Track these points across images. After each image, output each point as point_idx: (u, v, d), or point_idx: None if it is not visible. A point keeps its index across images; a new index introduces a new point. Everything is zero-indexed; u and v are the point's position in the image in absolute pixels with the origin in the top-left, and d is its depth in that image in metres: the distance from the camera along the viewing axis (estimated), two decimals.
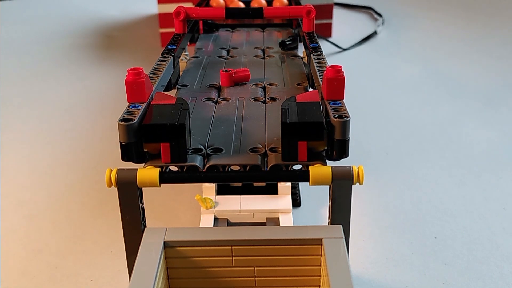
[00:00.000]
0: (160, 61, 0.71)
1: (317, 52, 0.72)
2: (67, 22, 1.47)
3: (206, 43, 0.93)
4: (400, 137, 0.94)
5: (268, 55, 0.85)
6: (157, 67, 0.68)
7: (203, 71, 0.78)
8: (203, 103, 0.67)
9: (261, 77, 0.75)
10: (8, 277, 0.67)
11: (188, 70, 0.79)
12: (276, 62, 0.82)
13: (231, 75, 0.72)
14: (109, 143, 0.94)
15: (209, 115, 0.64)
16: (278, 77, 0.75)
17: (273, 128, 0.59)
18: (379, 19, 1.43)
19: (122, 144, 0.52)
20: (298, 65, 0.80)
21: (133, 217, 0.53)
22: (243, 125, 0.61)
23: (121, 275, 0.67)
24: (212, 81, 0.74)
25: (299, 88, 0.71)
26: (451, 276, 0.66)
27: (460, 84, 1.12)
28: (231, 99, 0.68)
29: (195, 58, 0.84)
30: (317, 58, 0.70)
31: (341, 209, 0.53)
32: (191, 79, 0.75)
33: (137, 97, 0.56)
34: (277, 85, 0.72)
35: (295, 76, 0.75)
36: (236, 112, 0.64)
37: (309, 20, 0.80)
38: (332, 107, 0.54)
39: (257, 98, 0.68)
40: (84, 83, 1.15)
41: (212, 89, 0.71)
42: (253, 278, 0.52)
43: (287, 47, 0.87)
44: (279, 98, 0.67)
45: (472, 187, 0.82)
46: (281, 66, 0.79)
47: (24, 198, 0.81)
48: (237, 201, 0.70)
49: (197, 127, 0.60)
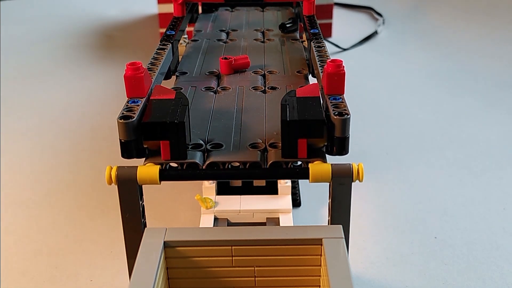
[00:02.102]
0: (159, 49, 0.70)
1: (317, 39, 0.72)
2: (67, 22, 1.47)
3: (205, 24, 0.92)
4: (400, 137, 0.94)
5: (268, 39, 0.84)
6: (156, 56, 0.68)
7: (202, 57, 0.77)
8: (203, 92, 0.66)
9: (261, 64, 0.74)
10: (8, 277, 0.67)
11: (187, 56, 0.78)
12: (276, 46, 0.81)
13: (231, 62, 0.71)
14: (109, 143, 0.94)
15: (208, 106, 0.63)
16: (278, 63, 0.74)
17: (273, 121, 0.59)
18: (380, 19, 1.43)
19: (122, 141, 0.52)
20: (298, 49, 0.80)
21: (133, 215, 0.53)
22: (243, 118, 0.60)
23: (121, 275, 0.67)
24: (211, 68, 0.73)
25: (299, 76, 0.70)
26: (451, 276, 0.66)
27: (460, 84, 1.12)
28: (230, 89, 0.67)
29: (194, 42, 0.83)
30: (317, 46, 0.70)
31: (341, 208, 0.53)
32: (190, 65, 0.74)
33: (136, 92, 0.56)
34: (277, 72, 0.71)
35: (295, 63, 0.75)
36: (236, 103, 0.64)
37: (309, 3, 0.79)
38: (332, 103, 0.54)
39: (257, 88, 0.67)
40: (84, 83, 1.15)
41: (211, 77, 0.71)
42: (253, 278, 0.52)
43: (287, 29, 0.86)
44: (279, 87, 0.67)
45: (472, 187, 0.82)
46: (281, 51, 0.79)
47: (24, 198, 0.81)
48: (237, 201, 0.70)
49: (197, 119, 0.60)
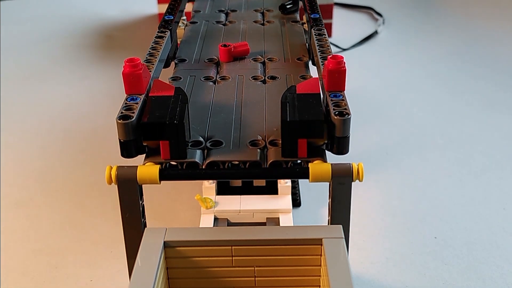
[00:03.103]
0: (158, 37, 0.70)
1: (318, 25, 0.71)
2: (67, 22, 1.47)
3: (204, 3, 0.91)
4: (400, 136, 0.94)
5: (268, 21, 0.84)
6: (154, 46, 0.67)
7: (201, 42, 0.77)
8: (202, 82, 0.66)
9: (260, 50, 0.74)
10: (8, 277, 0.67)
11: (186, 41, 0.77)
12: (276, 29, 0.80)
13: (230, 50, 0.70)
14: (109, 143, 0.94)
15: (208, 98, 0.63)
16: (278, 49, 0.74)
17: (272, 116, 0.59)
18: (380, 19, 1.43)
19: (121, 141, 0.52)
20: (298, 33, 0.79)
21: (133, 214, 0.53)
22: (243, 112, 0.60)
23: (121, 275, 0.67)
24: (210, 54, 0.73)
25: (300, 63, 0.70)
26: (451, 276, 0.66)
27: (460, 84, 1.12)
28: (230, 78, 0.67)
29: (193, 24, 0.83)
30: (318, 34, 0.69)
31: (341, 207, 0.53)
32: (189, 52, 0.74)
33: (135, 89, 0.56)
34: (277, 60, 0.71)
35: (296, 49, 0.74)
36: (235, 95, 0.63)
37: None
38: (333, 101, 0.54)
39: (257, 77, 0.67)
40: (84, 83, 1.15)
41: (210, 65, 0.70)
42: (253, 278, 0.52)
43: (287, 10, 0.85)
44: (279, 77, 0.67)
45: (472, 187, 0.82)
46: (281, 34, 0.78)
47: (24, 198, 0.81)
48: (237, 201, 0.70)
49: (197, 113, 0.59)
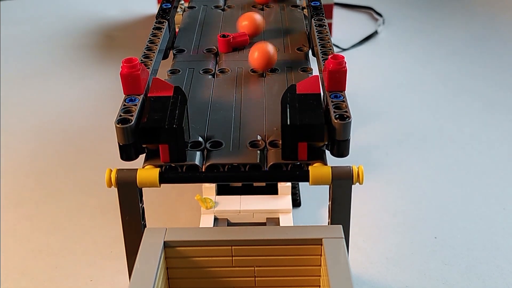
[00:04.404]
0: (155, 28, 0.69)
1: (318, 14, 0.71)
2: (67, 22, 1.47)
3: None
4: (400, 136, 0.94)
5: (267, 5, 0.83)
6: (152, 39, 0.67)
7: (199, 30, 0.76)
8: (201, 76, 0.66)
9: (260, 39, 0.73)
10: (8, 277, 0.67)
11: (184, 29, 0.77)
12: (276, 15, 0.79)
13: (229, 41, 0.70)
14: (109, 143, 0.94)
15: (207, 93, 0.62)
16: (278, 39, 0.73)
17: (272, 114, 0.59)
18: (380, 19, 1.43)
19: (121, 144, 0.52)
20: (298, 19, 0.78)
21: (133, 217, 0.53)
22: (242, 110, 0.60)
23: (121, 275, 0.67)
24: (209, 44, 0.72)
25: (300, 54, 0.69)
26: (451, 276, 0.66)
27: (460, 84, 1.12)
28: (229, 71, 0.66)
29: (191, 9, 0.82)
30: (318, 25, 0.69)
31: (341, 209, 0.53)
32: (187, 41, 0.73)
33: (133, 89, 0.56)
34: (277, 50, 0.70)
35: (295, 38, 0.73)
36: (235, 91, 0.63)
37: None
38: (333, 102, 0.53)
39: (256, 70, 0.66)
40: (84, 83, 1.15)
41: (209, 57, 0.69)
42: (253, 278, 0.52)
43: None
44: (279, 69, 0.66)
45: (472, 187, 0.82)
46: (281, 21, 0.77)
47: (24, 198, 0.81)
48: (237, 201, 0.70)
49: (196, 110, 0.59)
